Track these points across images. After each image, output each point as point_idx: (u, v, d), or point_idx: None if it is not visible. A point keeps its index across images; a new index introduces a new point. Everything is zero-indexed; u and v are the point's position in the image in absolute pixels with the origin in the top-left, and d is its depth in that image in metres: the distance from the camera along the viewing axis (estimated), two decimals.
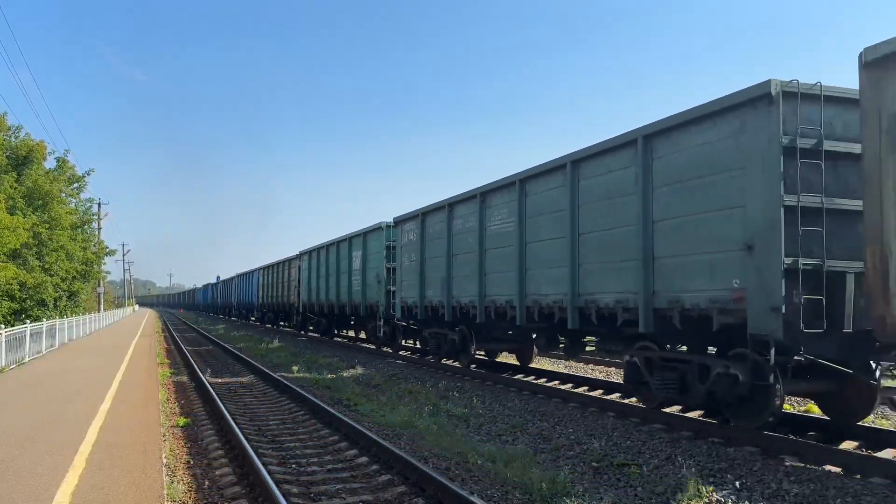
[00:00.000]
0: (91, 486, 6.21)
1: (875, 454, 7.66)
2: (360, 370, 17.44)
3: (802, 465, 7.31)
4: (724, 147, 8.06)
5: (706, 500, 6.35)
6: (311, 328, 32.59)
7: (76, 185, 38.32)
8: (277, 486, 6.47)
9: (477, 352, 16.02)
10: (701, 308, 8.30)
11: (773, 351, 7.42)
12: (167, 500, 5.97)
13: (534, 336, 14.28)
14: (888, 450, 7.82)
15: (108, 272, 55.74)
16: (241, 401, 12.66)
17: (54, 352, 22.24)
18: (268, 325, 42.17)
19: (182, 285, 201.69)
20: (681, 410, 10.13)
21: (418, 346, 20.76)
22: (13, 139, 31.53)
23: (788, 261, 7.30)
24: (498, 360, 17.51)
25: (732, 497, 6.47)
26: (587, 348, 12.94)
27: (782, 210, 7.31)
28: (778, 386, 7.74)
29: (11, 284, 24.97)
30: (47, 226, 30.29)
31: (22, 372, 16.14)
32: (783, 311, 7.23)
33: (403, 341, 21.52)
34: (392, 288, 20.21)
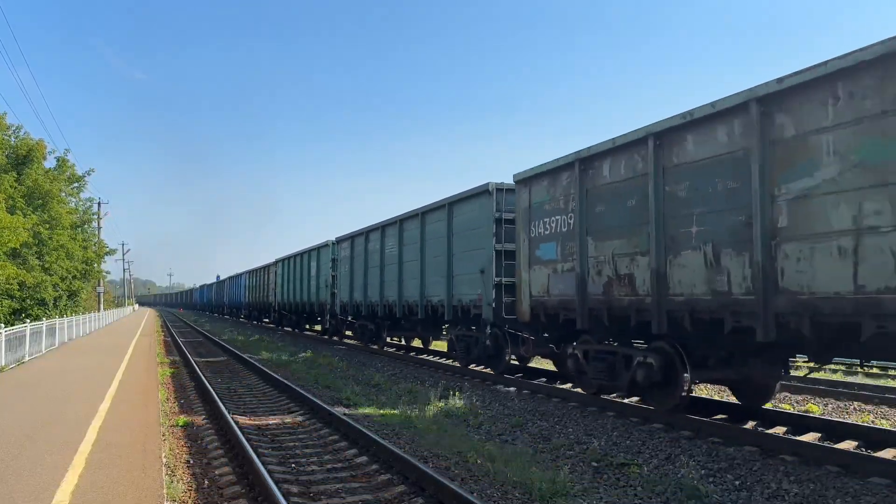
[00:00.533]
0: (91, 486, 6.21)
1: (875, 454, 7.66)
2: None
3: (802, 464, 7.32)
4: (477, 215, 15.05)
5: (706, 500, 6.36)
6: (284, 324, 37.43)
7: (76, 184, 38.37)
8: (277, 485, 6.47)
9: (390, 338, 22.22)
10: (467, 304, 15.48)
11: (490, 328, 14.60)
12: (167, 500, 5.97)
13: (415, 326, 20.22)
14: (888, 449, 7.82)
15: (107, 272, 55.86)
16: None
17: (54, 351, 22.24)
18: (254, 322, 46.59)
19: (182, 284, 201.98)
20: (471, 360, 16.30)
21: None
22: (13, 139, 31.56)
23: (497, 279, 14.07)
24: (413, 344, 23.35)
25: (732, 497, 6.47)
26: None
27: (494, 252, 14.14)
28: (507, 347, 14.28)
29: (11, 284, 24.99)
30: (47, 225, 30.31)
31: (22, 371, 16.14)
32: (493, 306, 14.07)
33: (346, 332, 27.12)
34: (336, 290, 26.26)
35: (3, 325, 17.80)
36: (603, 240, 10.27)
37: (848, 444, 8.08)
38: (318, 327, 32.82)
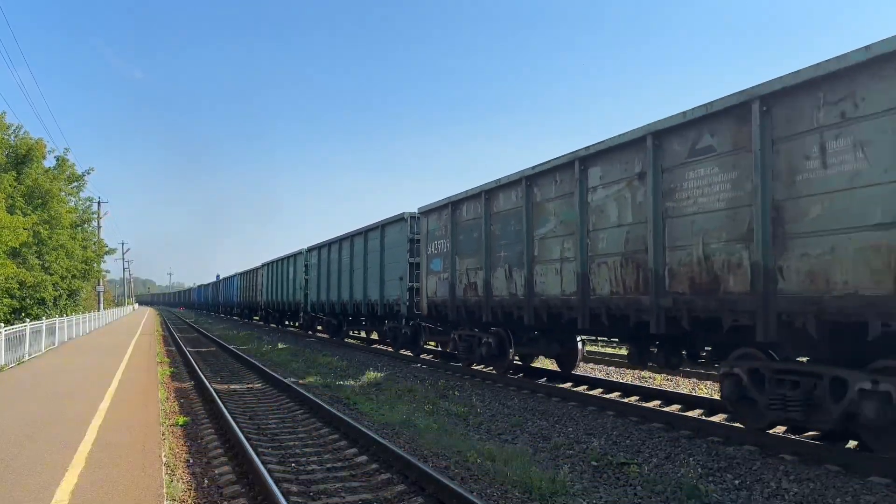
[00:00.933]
0: (90, 485, 6.21)
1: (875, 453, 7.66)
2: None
3: (802, 464, 7.32)
4: (398, 236, 19.80)
5: (706, 500, 6.36)
6: (270, 321, 42.00)
7: (76, 183, 38.34)
8: (277, 484, 6.48)
9: (350, 331, 27.33)
10: (393, 303, 19.92)
11: (407, 321, 19.34)
12: (167, 499, 5.97)
13: (363, 321, 24.69)
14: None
15: (107, 271, 55.82)
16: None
17: (54, 350, 22.25)
18: (245, 320, 50.69)
19: (182, 284, 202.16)
20: (398, 347, 20.81)
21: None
22: (12, 138, 31.54)
23: (410, 284, 18.84)
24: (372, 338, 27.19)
25: (732, 496, 6.47)
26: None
27: (408, 264, 18.91)
28: (421, 335, 18.90)
29: (11, 283, 24.99)
30: (47, 225, 30.30)
31: (21, 370, 16.14)
32: (408, 304, 18.81)
33: (318, 327, 31.67)
34: (307, 292, 30.73)
35: (2, 325, 17.80)
36: (463, 258, 14.80)
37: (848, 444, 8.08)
38: (297, 323, 36.36)
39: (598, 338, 21.69)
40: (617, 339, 18.70)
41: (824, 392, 7.22)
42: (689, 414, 9.73)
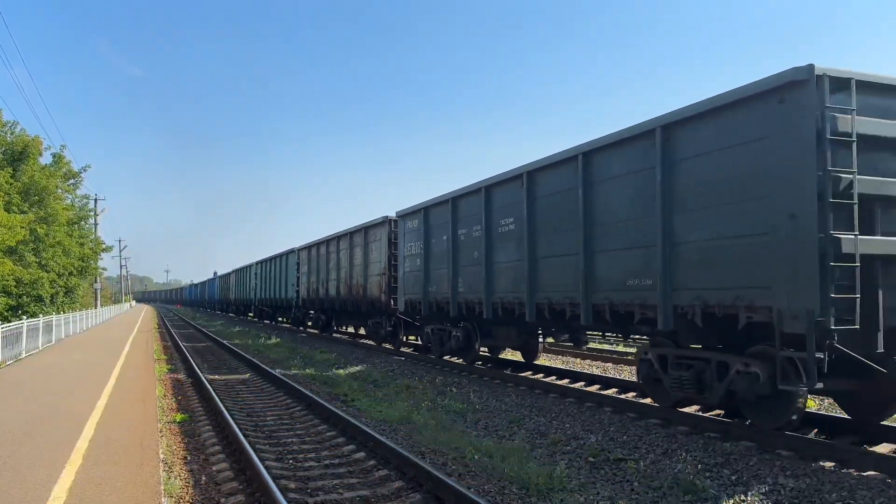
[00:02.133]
0: (88, 481, 6.21)
1: (871, 448, 7.69)
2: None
3: (799, 459, 7.34)
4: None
5: (703, 495, 6.38)
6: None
7: (72, 181, 38.27)
8: (275, 481, 6.49)
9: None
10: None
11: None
12: (164, 496, 5.97)
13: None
14: (884, 444, 7.85)
15: (104, 268, 55.74)
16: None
17: (51, 348, 22.22)
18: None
19: (179, 281, 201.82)
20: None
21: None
22: (9, 135, 31.45)
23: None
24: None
25: (728, 492, 6.50)
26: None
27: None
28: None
29: (8, 280, 24.94)
30: (44, 222, 30.23)
31: (19, 368, 16.13)
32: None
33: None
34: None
35: (0, 322, 17.77)
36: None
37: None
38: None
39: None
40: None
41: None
42: (686, 410, 9.76)
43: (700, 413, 9.72)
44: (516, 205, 12.19)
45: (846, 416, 8.99)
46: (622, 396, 11.41)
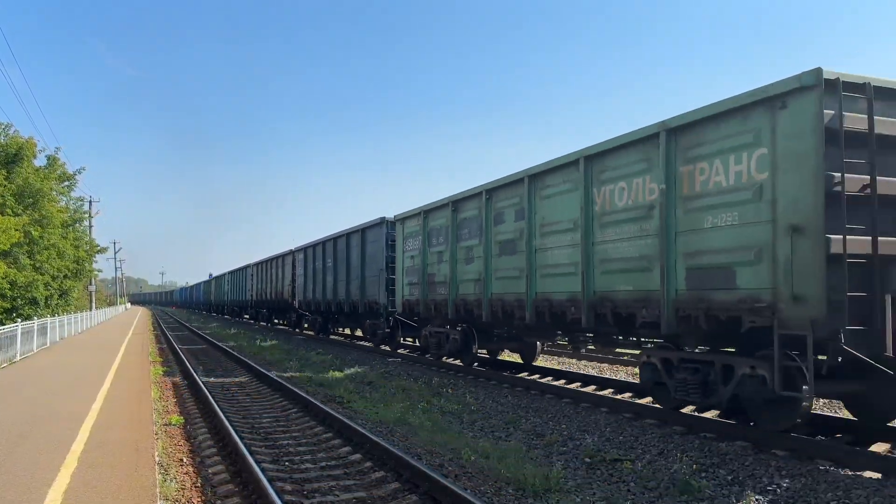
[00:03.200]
0: (83, 485, 6.19)
1: (866, 448, 7.72)
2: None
3: (794, 459, 7.36)
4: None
5: (698, 495, 6.39)
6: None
7: (67, 182, 38.10)
8: (271, 483, 6.47)
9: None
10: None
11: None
12: (160, 499, 5.96)
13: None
14: (879, 443, 7.88)
15: (99, 270, 55.52)
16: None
17: (46, 350, 22.13)
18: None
19: (175, 283, 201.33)
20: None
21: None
22: (2, 137, 31.31)
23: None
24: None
25: (724, 491, 6.51)
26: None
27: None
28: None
29: (2, 283, 24.83)
30: (38, 225, 30.10)
31: (13, 370, 16.06)
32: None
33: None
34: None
35: None
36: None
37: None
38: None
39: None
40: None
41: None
42: (683, 410, 9.78)
43: (696, 413, 9.74)
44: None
45: (840, 416, 9.03)
46: (618, 397, 11.43)
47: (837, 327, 6.68)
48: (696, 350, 9.05)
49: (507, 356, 17.47)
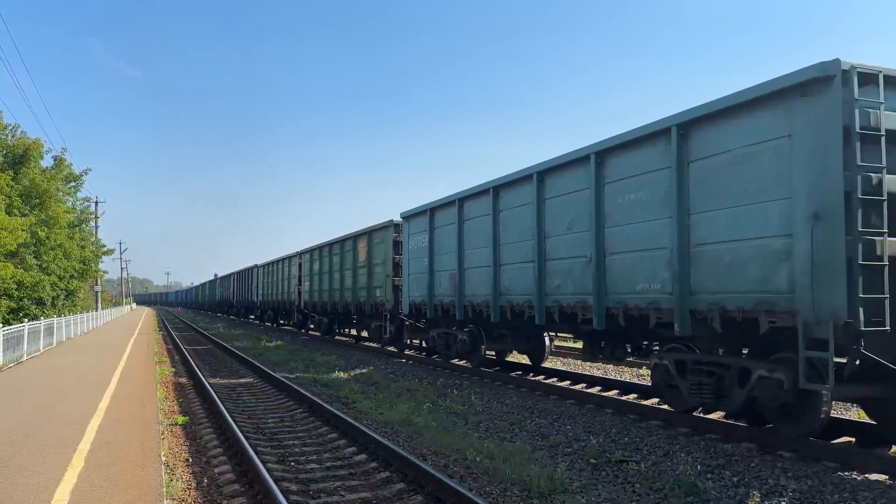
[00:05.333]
0: (90, 484, 6.22)
1: (872, 450, 7.68)
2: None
3: (800, 461, 7.34)
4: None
5: (704, 497, 6.37)
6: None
7: (73, 183, 38.25)
8: (276, 483, 6.48)
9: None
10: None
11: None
12: (166, 498, 5.98)
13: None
14: (885, 446, 7.84)
15: (105, 271, 55.73)
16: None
17: (52, 350, 22.22)
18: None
19: (179, 283, 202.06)
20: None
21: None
22: (9, 138, 31.45)
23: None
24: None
25: (730, 493, 6.49)
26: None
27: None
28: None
29: (8, 283, 24.93)
30: (45, 225, 30.22)
31: (20, 370, 16.13)
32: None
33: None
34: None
35: (1, 325, 17.77)
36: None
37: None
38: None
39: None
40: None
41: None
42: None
43: (700, 415, 9.71)
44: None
45: (846, 418, 8.99)
46: (623, 398, 11.40)
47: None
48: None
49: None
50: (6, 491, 6.04)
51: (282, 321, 39.31)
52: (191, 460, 7.93)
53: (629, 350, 10.97)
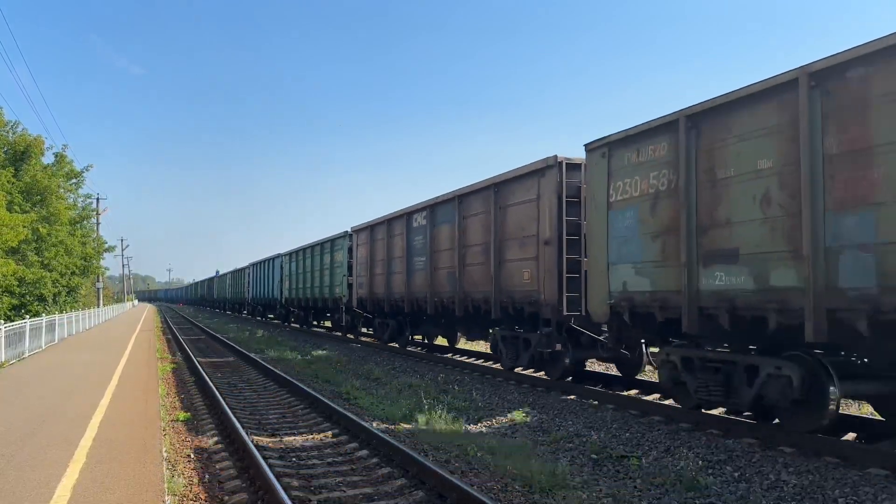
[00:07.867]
0: (92, 480, 6.23)
1: (873, 445, 7.68)
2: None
3: (801, 456, 7.35)
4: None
5: (705, 492, 6.38)
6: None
7: (74, 180, 38.25)
8: (278, 479, 6.50)
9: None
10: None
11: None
12: (167, 494, 5.99)
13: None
14: (886, 441, 7.84)
15: (107, 268, 55.76)
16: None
17: (54, 347, 22.26)
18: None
19: (182, 280, 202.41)
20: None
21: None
22: (10, 135, 31.45)
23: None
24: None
25: (731, 488, 6.50)
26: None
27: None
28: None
29: (10, 280, 24.96)
30: (46, 222, 30.25)
31: (22, 367, 16.16)
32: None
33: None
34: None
35: (3, 322, 17.80)
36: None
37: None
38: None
39: None
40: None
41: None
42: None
43: (702, 410, 9.72)
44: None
45: (848, 414, 8.99)
46: (624, 394, 11.41)
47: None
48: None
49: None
50: (10, 486, 6.06)
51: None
52: (192, 456, 7.94)
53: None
